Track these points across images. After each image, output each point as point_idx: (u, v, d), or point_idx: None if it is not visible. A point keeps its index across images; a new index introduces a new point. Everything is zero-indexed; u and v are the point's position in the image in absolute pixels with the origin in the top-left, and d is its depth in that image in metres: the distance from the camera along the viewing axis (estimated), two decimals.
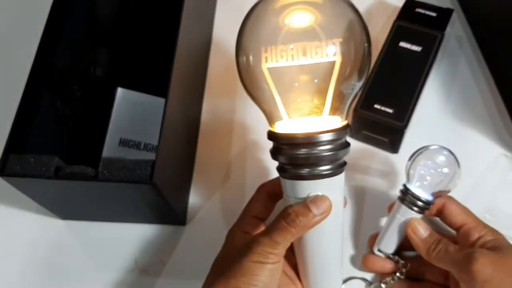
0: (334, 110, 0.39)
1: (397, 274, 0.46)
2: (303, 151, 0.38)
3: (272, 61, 0.37)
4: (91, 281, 0.50)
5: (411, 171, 0.45)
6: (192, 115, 0.56)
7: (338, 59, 0.37)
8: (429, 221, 0.48)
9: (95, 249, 0.52)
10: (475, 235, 0.42)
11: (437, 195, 0.44)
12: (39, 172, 0.42)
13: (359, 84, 0.40)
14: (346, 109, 0.41)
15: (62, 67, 0.52)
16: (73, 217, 0.53)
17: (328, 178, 0.38)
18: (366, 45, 0.39)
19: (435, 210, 0.45)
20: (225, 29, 0.64)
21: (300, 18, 0.38)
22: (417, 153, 0.46)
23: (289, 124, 0.39)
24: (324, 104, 0.39)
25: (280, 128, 0.40)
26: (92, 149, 0.52)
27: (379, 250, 0.47)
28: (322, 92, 0.39)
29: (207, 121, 0.58)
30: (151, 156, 0.51)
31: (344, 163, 0.40)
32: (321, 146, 0.38)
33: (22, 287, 0.51)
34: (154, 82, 0.51)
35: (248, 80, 0.40)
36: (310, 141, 0.37)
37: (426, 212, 0.45)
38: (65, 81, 0.53)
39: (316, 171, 0.38)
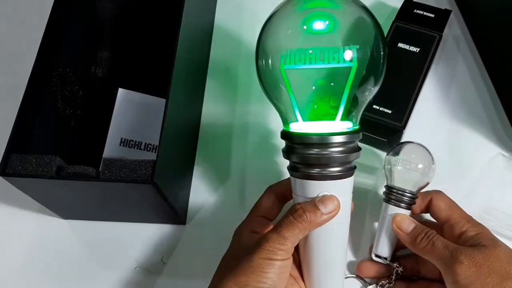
0: (348, 114, 0.40)
1: (393, 276, 0.46)
2: (315, 151, 0.39)
3: (290, 63, 0.39)
4: (92, 280, 0.51)
5: (389, 170, 0.46)
6: (192, 115, 0.56)
7: (354, 65, 0.38)
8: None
9: (96, 249, 0.52)
10: (457, 231, 0.42)
11: (419, 187, 0.45)
12: (40, 172, 0.42)
13: (375, 90, 0.41)
14: (360, 114, 0.41)
15: (63, 68, 0.52)
16: (75, 216, 0.53)
17: (337, 180, 0.39)
18: (382, 52, 0.40)
19: (424, 206, 0.46)
20: (225, 28, 0.64)
21: (319, 24, 0.39)
22: (391, 151, 0.47)
23: (303, 125, 0.40)
24: (338, 107, 0.40)
25: (294, 128, 0.41)
26: (93, 149, 0.52)
27: (376, 256, 0.47)
28: (337, 96, 0.40)
29: (207, 121, 0.58)
30: (151, 156, 0.51)
31: (354, 167, 0.40)
32: (333, 148, 0.39)
33: (24, 286, 0.51)
34: (155, 82, 0.51)
35: (266, 80, 0.41)
36: (322, 141, 0.38)
37: (416, 208, 0.46)
38: (66, 81, 0.53)
39: (327, 172, 0.39)
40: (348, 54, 0.38)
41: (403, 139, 0.52)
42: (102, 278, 0.51)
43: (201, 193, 0.54)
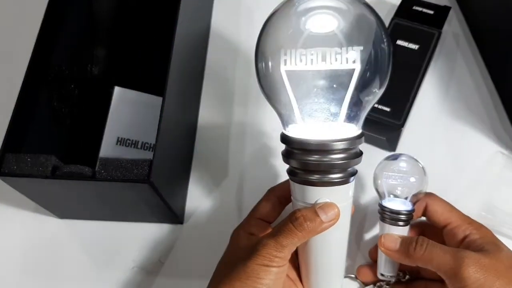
0: (350, 118, 0.39)
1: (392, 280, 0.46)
2: (315, 157, 0.37)
3: (290, 64, 0.37)
4: (89, 280, 0.50)
5: (380, 186, 0.44)
6: (189, 114, 0.56)
7: (357, 67, 0.37)
8: None
9: (93, 248, 0.52)
10: (460, 235, 0.41)
11: (414, 200, 0.43)
12: (36, 172, 0.42)
13: (379, 92, 0.39)
14: (363, 117, 0.40)
15: (59, 66, 0.52)
16: (71, 216, 0.53)
17: (338, 186, 0.38)
18: (387, 53, 0.39)
19: (420, 212, 0.44)
20: (222, 26, 0.63)
21: (321, 23, 0.38)
22: (381, 166, 0.45)
23: (303, 129, 0.39)
24: (340, 111, 0.38)
25: (294, 132, 0.39)
26: (89, 148, 0.52)
27: (382, 275, 0.45)
28: (339, 99, 0.38)
29: (204, 119, 0.58)
30: (148, 155, 0.51)
31: (355, 172, 0.39)
32: (333, 154, 0.37)
33: (20, 286, 0.51)
34: (151, 80, 0.51)
35: (266, 82, 0.40)
36: (323, 148, 0.37)
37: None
38: (62, 80, 0.52)
39: (327, 179, 0.38)
40: (352, 55, 0.36)
41: (402, 137, 0.52)
42: (99, 278, 0.50)
43: (198, 192, 0.54)
